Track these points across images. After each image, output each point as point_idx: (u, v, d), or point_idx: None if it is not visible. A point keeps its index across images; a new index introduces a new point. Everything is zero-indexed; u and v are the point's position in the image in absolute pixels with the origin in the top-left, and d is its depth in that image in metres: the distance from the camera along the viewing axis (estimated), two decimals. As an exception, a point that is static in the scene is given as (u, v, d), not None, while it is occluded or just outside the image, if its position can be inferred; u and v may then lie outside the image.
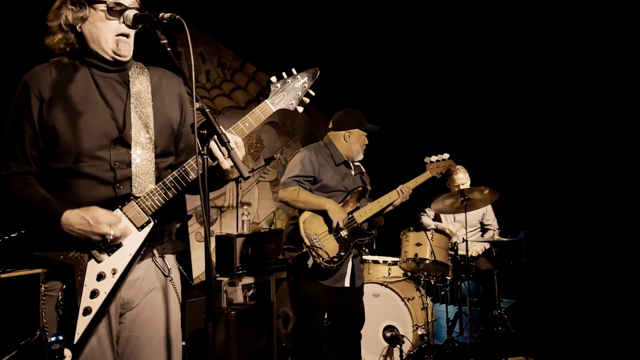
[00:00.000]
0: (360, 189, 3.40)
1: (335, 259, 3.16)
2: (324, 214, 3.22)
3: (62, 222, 1.68)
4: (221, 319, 3.75)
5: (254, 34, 6.18)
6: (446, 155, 3.70)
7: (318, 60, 6.16)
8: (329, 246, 3.18)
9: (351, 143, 3.42)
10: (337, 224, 3.17)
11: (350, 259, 3.31)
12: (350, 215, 3.30)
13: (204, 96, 5.99)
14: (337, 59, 6.40)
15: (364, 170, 3.61)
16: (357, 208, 3.36)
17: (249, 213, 5.44)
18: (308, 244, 3.13)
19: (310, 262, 3.15)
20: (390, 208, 3.54)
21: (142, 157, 1.81)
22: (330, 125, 3.53)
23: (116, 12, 1.74)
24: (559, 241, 6.08)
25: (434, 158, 3.69)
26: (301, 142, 7.02)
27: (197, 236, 5.75)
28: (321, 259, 3.11)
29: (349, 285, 3.30)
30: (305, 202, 3.23)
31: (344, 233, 3.24)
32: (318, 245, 3.13)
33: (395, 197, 3.45)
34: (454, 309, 4.90)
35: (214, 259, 5.59)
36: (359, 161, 3.55)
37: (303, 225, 3.18)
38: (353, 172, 3.49)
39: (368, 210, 3.37)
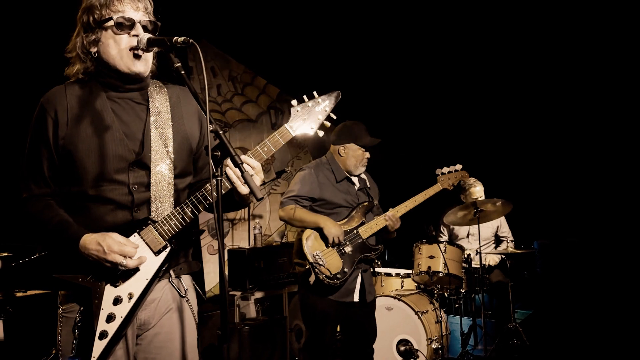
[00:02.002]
0: (366, 204, 3.38)
1: (339, 275, 3.14)
2: (320, 231, 3.21)
3: (80, 245, 1.68)
4: (234, 334, 3.75)
5: (264, 47, 6.23)
6: (459, 166, 3.57)
7: (327, 73, 6.21)
8: (332, 262, 3.17)
9: (346, 158, 3.38)
10: (333, 240, 3.16)
11: (360, 274, 3.29)
12: (355, 231, 3.28)
13: (216, 110, 6.03)
14: (347, 70, 6.43)
15: (369, 185, 3.55)
16: (363, 223, 3.32)
17: (260, 226, 5.45)
18: (311, 260, 3.14)
19: (312, 278, 3.15)
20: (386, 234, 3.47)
21: (161, 179, 1.81)
22: (331, 139, 3.49)
23: (125, 26, 1.74)
24: (573, 251, 6.00)
25: (445, 169, 3.56)
26: (312, 154, 7.04)
27: (210, 249, 5.77)
28: (323, 275, 3.11)
29: (358, 300, 3.28)
30: (301, 220, 3.23)
31: (347, 249, 3.22)
32: (320, 262, 3.13)
33: (383, 223, 3.34)
34: (469, 322, 4.86)
35: (226, 272, 5.60)
36: (364, 173, 3.51)
37: (306, 242, 3.19)
38: (357, 187, 3.45)
39: (374, 225, 3.33)
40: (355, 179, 3.46)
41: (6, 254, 2.91)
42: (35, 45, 3.94)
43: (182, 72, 1.62)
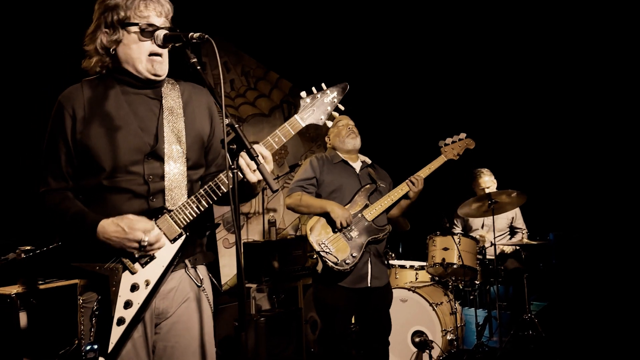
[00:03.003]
0: (368, 186, 3.39)
1: (347, 261, 3.16)
2: (327, 216, 3.24)
3: (98, 231, 1.73)
4: (251, 325, 3.79)
5: (276, 42, 6.26)
6: (463, 135, 3.51)
7: (339, 66, 6.20)
8: (340, 248, 3.19)
9: (333, 141, 3.52)
10: (341, 223, 3.17)
11: (369, 259, 3.29)
12: (359, 214, 3.30)
13: (229, 105, 6.08)
14: (357, 60, 6.42)
15: (369, 162, 3.56)
16: (367, 206, 3.33)
17: (275, 219, 5.49)
18: (317, 249, 3.17)
19: (319, 267, 3.19)
20: (408, 202, 3.45)
21: (174, 170, 1.87)
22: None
23: (148, 32, 1.80)
24: (589, 243, 5.96)
25: (448, 140, 3.50)
26: (324, 147, 7.06)
27: (225, 243, 5.83)
28: (331, 262, 3.13)
29: (369, 285, 3.29)
30: (308, 206, 3.29)
31: (354, 233, 3.24)
32: (327, 250, 3.16)
33: (407, 188, 3.35)
34: (484, 313, 4.86)
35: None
36: (366, 157, 3.56)
37: (311, 233, 3.23)
38: (358, 169, 3.48)
39: (378, 207, 3.32)
40: (355, 164, 3.49)
41: (28, 248, 3.00)
42: (51, 44, 4.00)
43: (198, 67, 1.66)
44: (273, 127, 6.46)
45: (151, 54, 1.83)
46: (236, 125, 1.62)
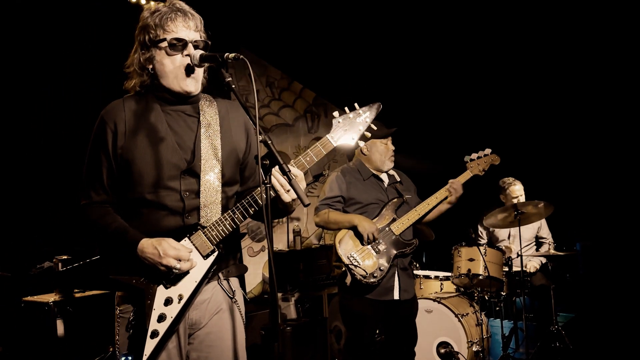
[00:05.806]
0: (396, 200, 3.40)
1: (375, 274, 3.18)
2: (355, 229, 3.25)
3: (137, 249, 1.80)
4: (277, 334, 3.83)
5: (300, 53, 6.33)
6: (488, 150, 3.49)
7: (363, 76, 6.21)
8: (368, 262, 3.22)
9: (370, 155, 3.44)
10: (367, 236, 3.19)
11: (397, 272, 3.31)
12: (387, 228, 3.31)
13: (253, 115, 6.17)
14: (380, 68, 6.45)
15: (399, 180, 3.56)
16: (394, 220, 3.35)
17: (299, 229, 5.54)
18: (346, 262, 3.20)
19: (348, 280, 3.21)
20: (447, 207, 3.44)
21: (210, 186, 1.91)
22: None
23: (177, 47, 1.85)
24: (616, 252, 5.86)
25: (474, 155, 3.49)
26: (347, 157, 7.08)
27: (249, 251, 5.91)
28: (360, 275, 3.16)
29: (398, 298, 3.31)
30: (336, 222, 3.30)
31: (381, 247, 3.26)
32: (355, 263, 3.18)
33: (434, 202, 3.35)
34: (510, 325, 4.81)
35: (266, 273, 5.72)
36: (393, 170, 3.53)
37: (339, 245, 3.25)
38: (386, 184, 3.48)
39: (406, 221, 3.34)
40: (383, 176, 3.50)
41: (65, 257, 3.10)
42: (51, 44, 4.01)
43: (233, 86, 1.71)
44: (296, 136, 6.53)
45: (183, 68, 1.86)
46: (269, 142, 1.67)
